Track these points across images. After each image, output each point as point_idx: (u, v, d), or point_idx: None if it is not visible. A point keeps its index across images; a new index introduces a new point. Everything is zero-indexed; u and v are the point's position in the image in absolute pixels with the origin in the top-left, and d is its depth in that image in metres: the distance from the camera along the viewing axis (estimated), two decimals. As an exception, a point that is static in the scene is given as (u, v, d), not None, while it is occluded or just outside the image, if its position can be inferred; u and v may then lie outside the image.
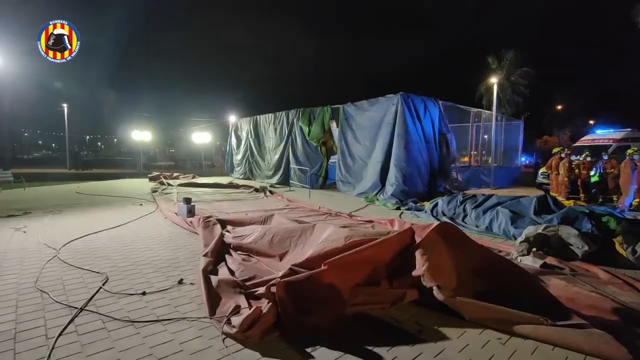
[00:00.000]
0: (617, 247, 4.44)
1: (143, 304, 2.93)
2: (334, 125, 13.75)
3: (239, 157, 18.65)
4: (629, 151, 9.29)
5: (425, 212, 7.73)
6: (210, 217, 5.89)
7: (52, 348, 2.24)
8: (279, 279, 2.74)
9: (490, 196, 7.03)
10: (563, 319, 2.54)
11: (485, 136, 16.69)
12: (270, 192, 11.75)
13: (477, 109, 16.39)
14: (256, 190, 11.85)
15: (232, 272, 3.55)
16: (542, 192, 8.27)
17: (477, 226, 6.26)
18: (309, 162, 13.68)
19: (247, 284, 3.21)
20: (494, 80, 17.87)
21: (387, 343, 2.39)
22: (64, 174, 22.63)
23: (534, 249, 4.44)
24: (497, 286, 2.90)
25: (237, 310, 2.66)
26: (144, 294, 3.13)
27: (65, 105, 31.76)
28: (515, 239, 5.09)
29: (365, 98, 11.93)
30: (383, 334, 2.51)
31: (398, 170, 10.21)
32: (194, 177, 16.53)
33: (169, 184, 13.16)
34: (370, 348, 2.33)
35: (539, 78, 30.42)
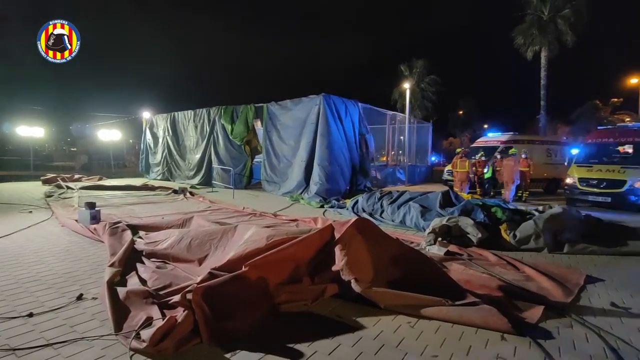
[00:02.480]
0: (503, 233, 5.21)
1: (29, 328, 2.51)
2: (258, 124, 13.54)
3: (158, 156, 17.19)
4: (511, 151, 10.98)
5: (347, 209, 8.09)
6: (118, 222, 5.33)
7: None
8: (195, 285, 2.60)
9: (403, 192, 7.65)
10: (460, 298, 2.89)
11: (401, 137, 18.13)
12: (191, 193, 11.08)
13: (393, 112, 17.72)
14: (175, 191, 11.05)
15: (144, 282, 3.26)
16: (446, 188, 9.27)
17: (392, 220, 6.76)
18: (232, 162, 13.24)
19: (161, 293, 2.98)
20: (406, 86, 19.44)
21: (307, 339, 2.43)
22: None
23: (439, 239, 4.97)
24: (407, 275, 3.17)
25: (148, 322, 2.45)
26: (30, 315, 2.69)
27: None
28: (424, 230, 5.63)
29: (289, 98, 12.01)
30: (304, 330, 2.56)
31: (321, 169, 10.49)
32: (100, 179, 14.71)
33: (68, 187, 11.50)
34: (291, 345, 2.36)
35: (444, 85, 34.16)
